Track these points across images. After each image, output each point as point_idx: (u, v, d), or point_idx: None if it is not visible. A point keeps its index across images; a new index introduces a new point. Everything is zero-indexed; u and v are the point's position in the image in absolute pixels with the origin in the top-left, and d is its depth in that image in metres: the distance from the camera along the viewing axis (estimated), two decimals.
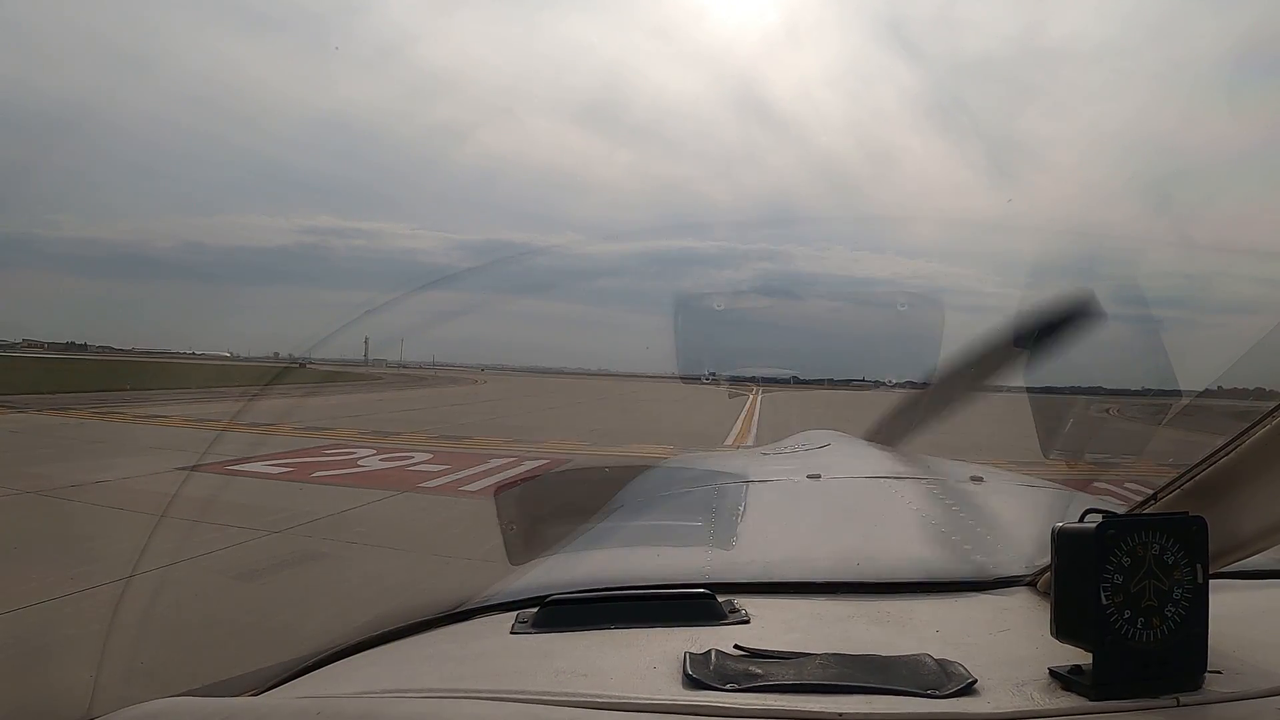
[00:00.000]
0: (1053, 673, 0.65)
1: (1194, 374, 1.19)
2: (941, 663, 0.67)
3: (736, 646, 0.72)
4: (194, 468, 6.51)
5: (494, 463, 8.79)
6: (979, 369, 1.62)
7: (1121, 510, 0.79)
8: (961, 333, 1.68)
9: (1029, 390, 1.59)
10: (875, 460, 1.82)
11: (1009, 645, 0.75)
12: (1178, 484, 0.75)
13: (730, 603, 0.88)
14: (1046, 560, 0.83)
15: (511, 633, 0.85)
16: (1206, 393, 1.03)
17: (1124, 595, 0.62)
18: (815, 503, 1.45)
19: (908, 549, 1.12)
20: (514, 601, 0.97)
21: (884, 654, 0.70)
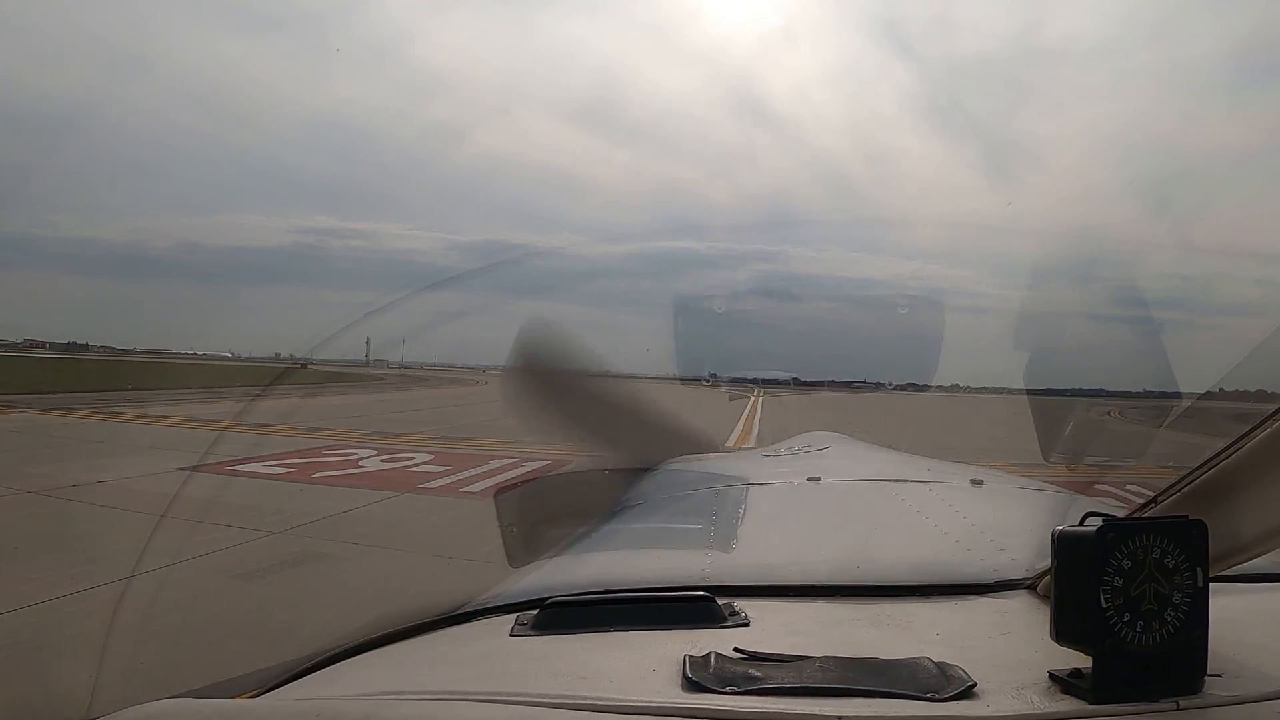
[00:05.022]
0: (1052, 676, 0.65)
1: (1194, 376, 1.19)
2: (941, 666, 0.67)
3: (736, 649, 0.72)
4: (195, 468, 6.50)
5: (495, 464, 8.79)
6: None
7: (1122, 513, 0.79)
8: (961, 334, 1.67)
9: (1029, 393, 1.59)
10: (875, 463, 1.82)
11: (1009, 648, 0.75)
12: (1178, 487, 0.75)
13: (730, 605, 0.88)
14: (1046, 563, 0.83)
15: (511, 635, 0.85)
16: (1207, 395, 1.03)
17: (1124, 598, 0.62)
18: (815, 505, 1.45)
19: (908, 552, 1.12)
20: (514, 604, 0.97)
21: (884, 657, 0.70)
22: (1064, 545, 0.65)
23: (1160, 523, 0.64)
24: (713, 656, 0.70)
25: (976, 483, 1.57)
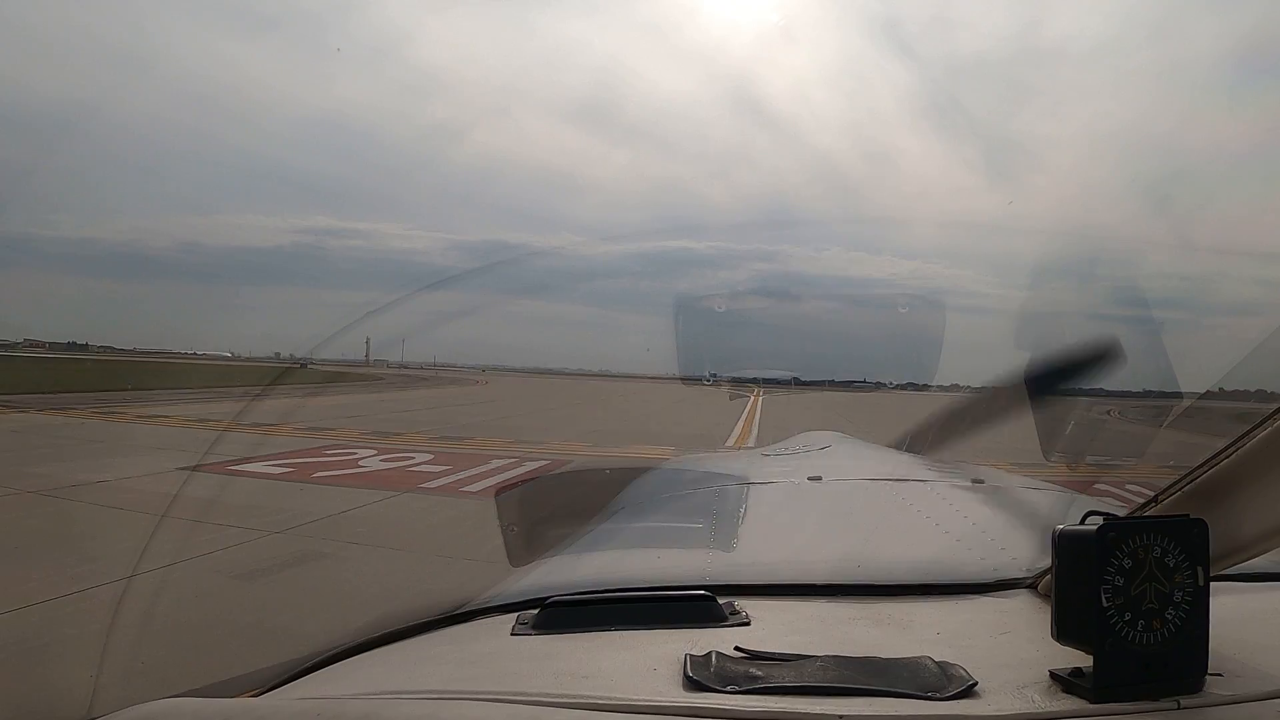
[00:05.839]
0: (1053, 675, 0.65)
1: (1195, 376, 1.19)
2: (942, 665, 0.67)
3: (737, 648, 0.72)
4: (195, 468, 6.51)
5: (495, 463, 8.80)
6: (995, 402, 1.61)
7: (1122, 512, 0.79)
8: (961, 334, 1.67)
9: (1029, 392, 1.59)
10: (876, 462, 1.82)
11: (1010, 647, 0.75)
12: (1178, 486, 0.75)
13: (731, 604, 0.88)
14: (1047, 562, 0.83)
15: (512, 634, 0.85)
16: (1207, 395, 1.03)
17: (1125, 598, 0.62)
18: (816, 504, 1.45)
19: (909, 551, 1.12)
20: (515, 603, 0.97)
21: (885, 656, 0.70)
22: (1065, 544, 0.65)
23: (1161, 522, 0.64)
24: (714, 656, 0.70)
25: (977, 482, 1.57)
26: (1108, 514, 0.67)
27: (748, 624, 0.84)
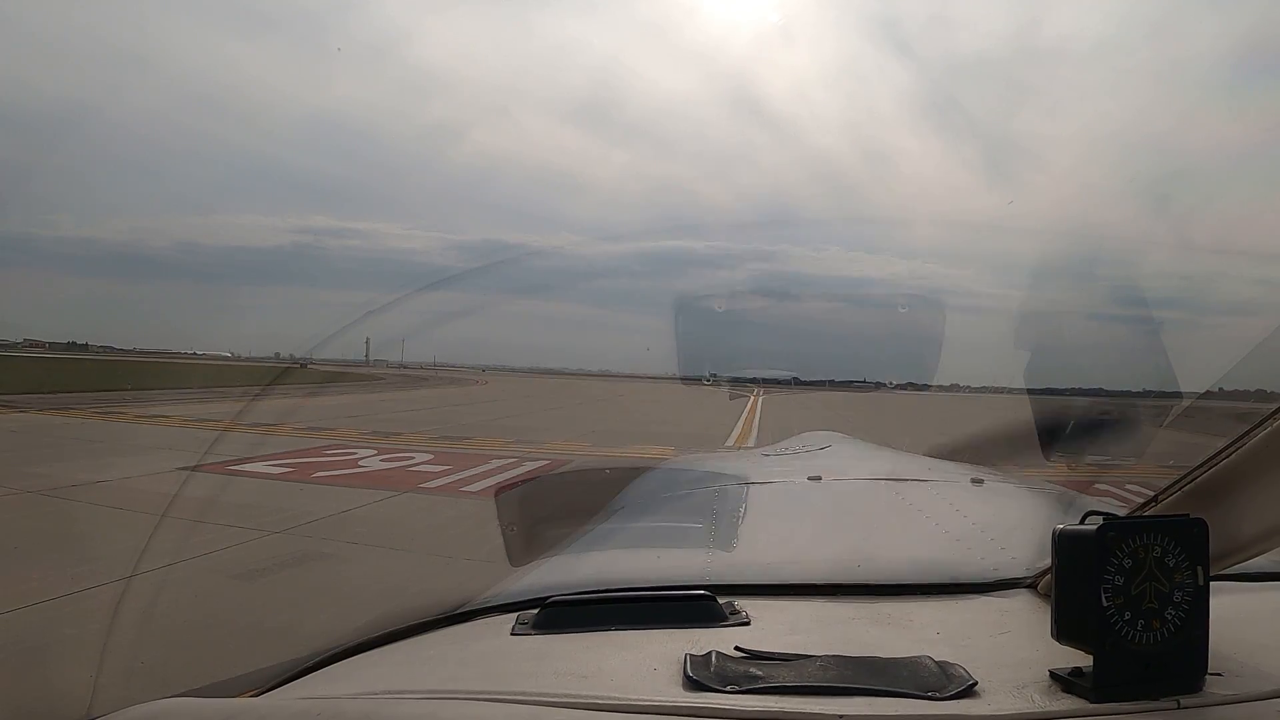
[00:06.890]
0: (1053, 675, 0.65)
1: (1194, 376, 1.19)
2: (942, 665, 0.67)
3: (737, 648, 0.72)
4: (195, 468, 6.51)
5: (495, 463, 8.80)
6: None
7: (1122, 512, 0.79)
8: (960, 334, 1.68)
9: (1029, 392, 1.59)
10: (876, 462, 1.82)
11: (1009, 647, 0.75)
12: (1178, 486, 0.75)
13: (731, 604, 0.88)
14: (1047, 562, 0.83)
15: (512, 634, 0.85)
16: (1207, 394, 1.03)
17: (1124, 597, 0.62)
18: (816, 504, 1.45)
19: (908, 551, 1.12)
20: (514, 603, 0.97)
21: (885, 656, 0.70)
22: (1064, 544, 0.65)
23: (1161, 521, 0.64)
24: (714, 655, 0.70)
25: (977, 481, 1.57)
26: (1108, 514, 0.67)
27: (748, 624, 0.84)
